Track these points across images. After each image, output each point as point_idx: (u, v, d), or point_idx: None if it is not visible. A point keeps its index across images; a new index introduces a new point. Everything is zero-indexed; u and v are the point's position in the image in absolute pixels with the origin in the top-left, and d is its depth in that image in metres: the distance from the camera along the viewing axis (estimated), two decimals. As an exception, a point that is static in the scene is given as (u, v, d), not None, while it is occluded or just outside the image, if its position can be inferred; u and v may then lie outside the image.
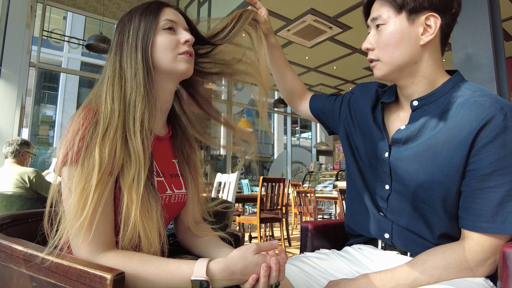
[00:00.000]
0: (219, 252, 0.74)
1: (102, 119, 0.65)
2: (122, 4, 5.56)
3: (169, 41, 0.73)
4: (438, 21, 0.73)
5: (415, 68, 0.77)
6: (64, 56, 15.41)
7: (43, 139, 15.42)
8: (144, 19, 0.73)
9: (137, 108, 0.68)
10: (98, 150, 0.62)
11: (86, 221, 0.59)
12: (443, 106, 0.75)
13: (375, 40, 0.78)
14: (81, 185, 0.60)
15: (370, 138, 0.88)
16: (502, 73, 2.38)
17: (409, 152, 0.77)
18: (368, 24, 0.82)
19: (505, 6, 4.02)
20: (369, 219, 0.88)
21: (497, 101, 0.69)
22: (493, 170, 0.67)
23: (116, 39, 0.75)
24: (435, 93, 0.78)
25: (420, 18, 0.73)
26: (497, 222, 0.67)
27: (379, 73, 0.80)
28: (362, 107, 0.94)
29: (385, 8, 0.76)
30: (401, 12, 0.74)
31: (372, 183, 0.87)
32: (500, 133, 0.66)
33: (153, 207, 0.66)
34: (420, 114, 0.79)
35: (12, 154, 2.50)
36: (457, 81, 0.78)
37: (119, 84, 0.70)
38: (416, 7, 0.72)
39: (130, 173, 0.64)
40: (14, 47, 3.96)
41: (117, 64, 0.72)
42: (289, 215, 4.77)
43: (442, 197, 0.72)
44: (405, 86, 0.80)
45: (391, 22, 0.75)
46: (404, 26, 0.74)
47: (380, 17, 0.76)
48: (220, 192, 3.43)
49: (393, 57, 0.76)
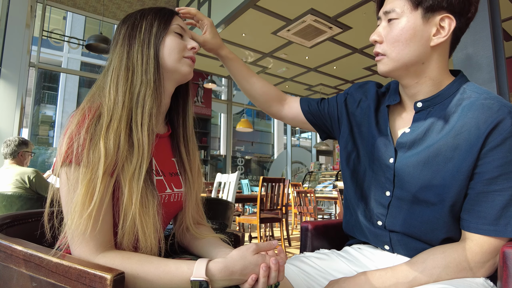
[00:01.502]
0: (219, 252, 0.74)
1: (106, 111, 0.67)
2: (122, 4, 5.56)
3: (177, 43, 0.77)
4: (453, 23, 0.71)
5: (421, 68, 0.75)
6: (64, 56, 15.41)
7: (43, 139, 15.42)
8: (158, 19, 0.76)
9: (146, 102, 0.70)
10: (103, 141, 0.63)
11: (94, 211, 0.60)
12: (448, 108, 0.74)
13: (385, 34, 0.75)
14: (88, 176, 0.61)
15: (372, 142, 0.85)
16: (502, 73, 2.38)
17: (417, 158, 0.75)
18: (379, 16, 0.79)
19: (505, 6, 4.02)
20: (366, 233, 0.86)
21: (505, 104, 0.68)
22: (500, 174, 0.66)
23: (124, 32, 0.75)
24: (440, 95, 0.76)
25: (435, 17, 0.71)
26: (500, 225, 0.66)
27: (384, 68, 0.78)
28: (364, 109, 0.91)
29: (400, 2, 0.73)
30: (417, 9, 0.71)
31: (369, 190, 0.85)
32: (508, 137, 0.66)
33: (150, 202, 0.66)
34: (425, 116, 0.77)
35: (11, 156, 2.50)
36: (462, 82, 0.77)
37: (125, 76, 0.71)
38: (433, 6, 0.70)
39: (132, 165, 0.65)
40: (14, 47, 3.96)
41: (124, 56, 0.72)
42: (289, 215, 4.77)
43: (452, 202, 0.71)
44: (409, 85, 0.78)
45: (404, 17, 0.72)
46: (418, 23, 0.71)
47: (394, 10, 0.73)
48: (220, 192, 3.43)
49: (401, 54, 0.74)
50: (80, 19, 15.45)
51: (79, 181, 0.61)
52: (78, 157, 0.62)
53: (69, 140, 0.63)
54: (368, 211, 0.85)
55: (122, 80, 0.70)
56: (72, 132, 0.64)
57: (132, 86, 0.71)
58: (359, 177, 0.88)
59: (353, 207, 0.89)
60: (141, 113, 0.69)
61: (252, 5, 3.96)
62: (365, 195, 0.86)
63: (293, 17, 4.37)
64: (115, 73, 0.71)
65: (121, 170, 0.65)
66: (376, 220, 0.83)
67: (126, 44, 0.73)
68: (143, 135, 0.68)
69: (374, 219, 0.83)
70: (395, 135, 0.83)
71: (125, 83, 0.70)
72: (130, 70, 0.72)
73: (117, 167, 0.65)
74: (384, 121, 0.85)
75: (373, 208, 0.83)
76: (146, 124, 0.69)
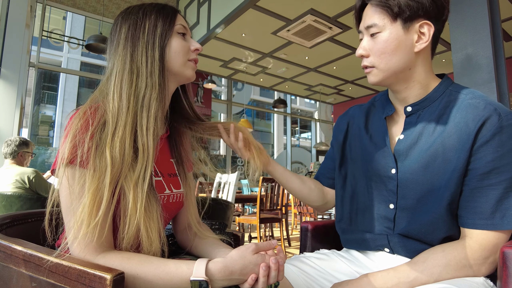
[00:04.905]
0: (218, 252, 0.74)
1: (111, 118, 0.66)
2: (122, 4, 5.56)
3: (182, 45, 0.75)
4: (431, 28, 0.75)
5: (409, 74, 0.79)
6: (64, 56, 15.40)
7: (43, 139, 15.41)
8: (162, 18, 0.73)
9: (152, 106, 0.69)
10: (109, 150, 0.63)
11: (101, 219, 0.60)
12: (437, 111, 0.77)
13: (370, 47, 0.78)
14: (94, 185, 0.60)
15: (368, 159, 0.86)
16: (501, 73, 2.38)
17: (417, 164, 0.76)
18: (360, 30, 0.82)
19: (504, 6, 4.02)
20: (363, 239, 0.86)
21: (490, 102, 0.72)
22: (492, 169, 0.68)
23: (126, 32, 0.72)
24: (428, 98, 0.80)
25: (414, 25, 0.75)
26: (496, 218, 0.67)
27: (374, 79, 0.81)
28: (355, 130, 0.93)
29: (379, 16, 0.76)
30: (397, 20, 0.75)
31: (372, 207, 0.84)
32: (497, 133, 0.69)
33: (154, 206, 0.66)
34: (415, 120, 0.80)
35: (10, 156, 2.49)
36: (448, 85, 0.80)
37: (129, 79, 0.69)
38: (411, 15, 0.74)
39: (136, 170, 0.65)
40: (13, 47, 3.96)
41: (127, 58, 0.70)
42: (289, 215, 4.77)
43: (450, 201, 0.72)
44: (399, 90, 0.82)
45: (386, 30, 0.76)
46: (400, 34, 0.75)
47: (375, 25, 0.76)
48: (220, 192, 3.43)
49: (389, 64, 0.77)
50: (80, 19, 15.44)
51: (84, 187, 0.61)
52: (83, 162, 0.62)
53: (72, 143, 0.62)
54: (371, 227, 0.84)
55: (126, 83, 0.68)
56: (75, 134, 0.62)
57: (137, 89, 0.69)
58: (359, 198, 0.89)
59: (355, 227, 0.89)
60: (147, 117, 0.68)
61: (252, 5, 3.96)
62: (367, 214, 0.86)
63: (293, 17, 4.37)
64: (119, 77, 0.69)
65: (125, 174, 0.65)
66: (383, 234, 0.82)
67: (129, 46, 0.71)
68: (148, 140, 0.67)
69: (378, 232, 0.83)
70: (393, 144, 0.84)
71: (129, 87, 0.68)
72: (134, 73, 0.70)
73: (122, 174, 0.64)
74: (382, 133, 0.86)
75: (377, 224, 0.83)
76: (151, 128, 0.68)
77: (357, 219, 0.88)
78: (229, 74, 6.78)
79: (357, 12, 0.83)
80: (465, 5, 2.54)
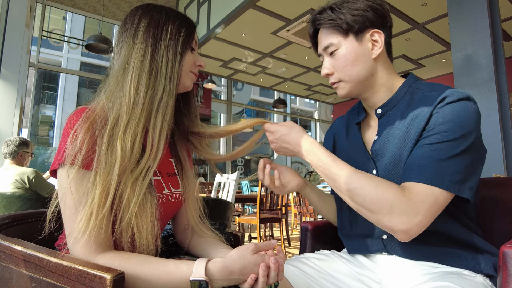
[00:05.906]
0: (218, 252, 0.74)
1: (125, 111, 0.66)
2: (121, 4, 5.56)
3: (192, 59, 0.78)
4: (382, 35, 0.81)
5: (373, 80, 0.84)
6: (64, 56, 15.40)
7: (43, 139, 15.41)
8: (185, 29, 0.75)
9: (167, 111, 0.70)
10: (120, 143, 0.64)
11: (106, 213, 0.61)
12: (403, 108, 0.81)
13: (333, 65, 0.85)
14: (104, 178, 0.62)
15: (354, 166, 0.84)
16: (501, 73, 2.38)
17: (390, 160, 0.78)
18: (319, 53, 0.89)
19: (504, 6, 4.02)
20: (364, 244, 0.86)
21: (447, 87, 0.76)
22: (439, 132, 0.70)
23: (145, 26, 0.72)
24: (394, 98, 0.84)
25: (365, 36, 0.81)
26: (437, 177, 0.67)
27: (342, 91, 0.86)
28: (341, 140, 0.98)
29: (332, 36, 0.83)
30: (348, 35, 0.81)
31: None
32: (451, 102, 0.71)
33: (148, 201, 0.66)
34: (386, 120, 0.84)
35: (10, 156, 2.49)
36: (411, 82, 0.84)
37: (147, 78, 0.69)
38: (360, 28, 0.80)
39: (139, 167, 0.66)
40: (13, 47, 3.96)
41: (147, 55, 0.70)
42: (288, 215, 4.77)
43: None
44: (368, 97, 0.87)
45: (342, 45, 0.82)
46: (355, 46, 0.81)
47: (331, 44, 0.83)
48: (219, 192, 3.43)
49: (353, 75, 0.82)
50: (80, 19, 15.45)
51: (89, 184, 0.61)
52: (90, 163, 0.62)
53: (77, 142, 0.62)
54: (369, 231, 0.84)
55: (144, 81, 0.69)
56: (77, 134, 0.62)
57: (154, 91, 0.70)
58: None
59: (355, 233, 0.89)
60: (161, 121, 0.69)
61: (252, 5, 3.97)
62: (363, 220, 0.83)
63: (293, 17, 4.38)
64: (136, 72, 0.69)
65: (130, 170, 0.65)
66: (379, 238, 0.82)
67: (150, 43, 0.71)
68: (159, 142, 0.69)
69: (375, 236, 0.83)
70: (370, 147, 0.86)
71: (146, 85, 0.69)
72: (153, 73, 0.70)
73: (127, 169, 0.65)
74: (357, 139, 0.89)
75: (373, 228, 0.83)
76: (164, 132, 0.70)
77: (356, 226, 0.89)
78: (229, 74, 6.79)
79: (312, 38, 0.91)
80: (465, 5, 2.54)
